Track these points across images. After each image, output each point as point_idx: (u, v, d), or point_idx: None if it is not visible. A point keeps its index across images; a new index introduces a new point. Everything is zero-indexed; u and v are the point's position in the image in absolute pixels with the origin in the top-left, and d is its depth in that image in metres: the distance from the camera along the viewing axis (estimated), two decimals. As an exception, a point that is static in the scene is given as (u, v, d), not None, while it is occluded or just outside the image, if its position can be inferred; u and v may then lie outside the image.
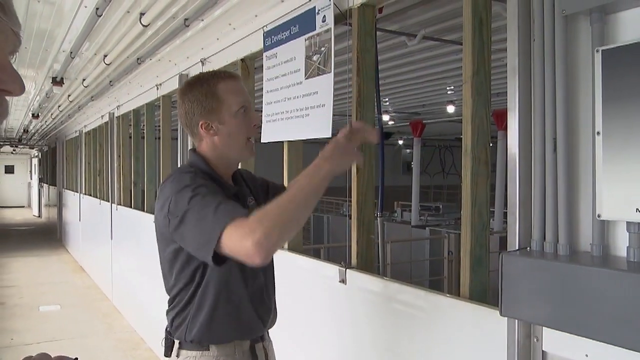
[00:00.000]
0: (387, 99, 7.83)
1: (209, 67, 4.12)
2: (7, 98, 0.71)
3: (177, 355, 1.73)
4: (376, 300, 2.28)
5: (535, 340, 1.62)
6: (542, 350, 1.60)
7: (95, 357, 5.17)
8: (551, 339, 1.57)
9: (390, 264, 5.58)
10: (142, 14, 3.31)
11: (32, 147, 19.81)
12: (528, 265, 1.48)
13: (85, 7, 3.23)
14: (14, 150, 21.18)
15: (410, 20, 3.57)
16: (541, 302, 1.46)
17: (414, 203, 7.12)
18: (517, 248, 1.61)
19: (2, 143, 17.93)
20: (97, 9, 3.14)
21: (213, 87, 1.69)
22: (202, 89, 1.70)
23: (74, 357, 0.76)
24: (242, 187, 1.86)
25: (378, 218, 2.61)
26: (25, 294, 8.00)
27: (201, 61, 4.22)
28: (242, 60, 3.64)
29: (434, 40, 3.83)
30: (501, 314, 1.54)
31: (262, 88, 3.12)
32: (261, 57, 3.19)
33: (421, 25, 3.57)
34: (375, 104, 2.58)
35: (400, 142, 14.64)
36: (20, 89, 0.70)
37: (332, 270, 2.48)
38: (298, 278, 2.76)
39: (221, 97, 1.69)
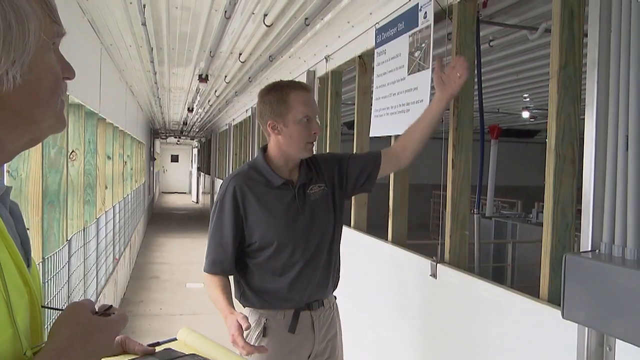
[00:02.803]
0: (526, 95, 7.48)
1: (332, 64, 4.29)
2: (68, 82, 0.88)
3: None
4: (462, 296, 2.27)
5: (607, 349, 1.55)
6: (615, 361, 1.53)
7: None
8: (625, 350, 1.49)
9: (516, 265, 5.37)
10: (265, 15, 3.55)
11: (192, 139, 21.63)
12: (591, 269, 1.42)
13: (216, 10, 3.53)
14: (178, 141, 23.26)
15: (533, 13, 3.42)
16: (605, 308, 1.40)
17: (551, 204, 6.70)
18: (588, 250, 1.54)
19: (167, 134, 19.77)
20: (225, 11, 3.42)
21: (285, 94, 1.99)
22: (276, 94, 2.00)
23: (109, 305, 0.92)
24: (303, 176, 2.08)
25: (475, 215, 2.58)
26: (176, 270, 8.84)
27: (325, 58, 4.40)
28: (359, 57, 3.75)
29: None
30: (563, 317, 1.49)
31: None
32: (377, 54, 3.28)
33: (544, 18, 3.41)
34: (477, 100, 2.54)
35: (549, 140, 13.77)
36: (73, 74, 0.87)
37: (424, 263, 2.51)
38: (395, 268, 2.83)
39: (290, 104, 1.98)
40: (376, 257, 3.21)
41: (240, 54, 4.81)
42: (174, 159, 28.74)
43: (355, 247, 3.40)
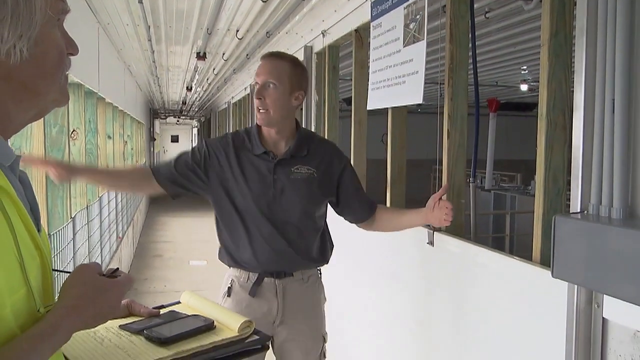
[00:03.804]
0: (525, 67, 7.48)
1: (329, 39, 4.30)
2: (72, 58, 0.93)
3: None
4: (458, 262, 2.34)
5: (596, 306, 1.60)
6: (603, 317, 1.59)
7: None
8: (612, 307, 1.55)
9: (515, 235, 5.44)
10: (261, -10, 3.56)
11: (192, 118, 21.63)
12: (579, 228, 1.48)
13: (212, -14, 3.54)
14: (178, 121, 23.26)
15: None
16: (593, 266, 1.45)
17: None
18: (577, 211, 1.60)
19: (167, 114, 19.76)
20: (221, -13, 3.44)
21: None
22: None
23: (115, 267, 0.97)
24: (290, 152, 2.12)
25: (470, 184, 2.63)
26: (179, 249, 8.94)
27: (322, 33, 4.41)
28: (355, 31, 3.77)
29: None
30: (553, 276, 1.55)
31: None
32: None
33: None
34: (473, 72, 2.58)
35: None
36: (77, 50, 0.91)
37: (422, 232, 2.57)
38: (392, 237, 2.88)
39: None
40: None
41: (238, 31, 4.83)
42: (174, 139, 28.70)
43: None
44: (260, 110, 2.06)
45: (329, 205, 2.27)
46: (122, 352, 0.99)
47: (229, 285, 2.13)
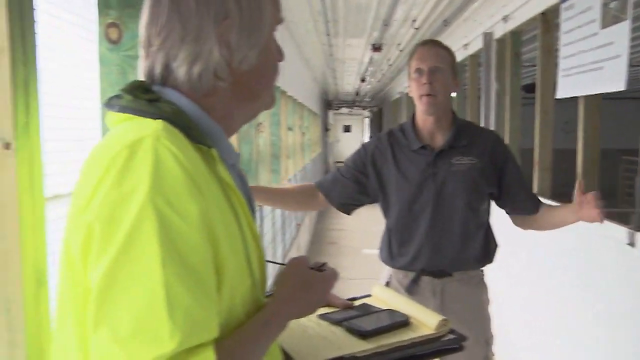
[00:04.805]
0: None
1: (511, 24, 4.09)
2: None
3: None
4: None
5: None
6: None
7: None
8: None
9: None
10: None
11: (364, 108, 22.03)
12: None
13: (391, -22, 3.55)
14: (350, 111, 23.84)
15: None
16: None
17: None
18: None
19: (340, 105, 20.35)
20: (401, -23, 3.43)
21: (411, 53, 2.09)
22: None
23: (322, 262, 1.02)
24: (448, 142, 2.03)
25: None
26: (353, 237, 9.15)
27: (503, 18, 4.20)
28: (542, 14, 3.53)
29: None
30: None
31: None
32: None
33: None
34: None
35: None
36: (284, 57, 0.98)
37: (619, 231, 2.35)
38: (580, 238, 2.68)
39: (410, 61, 2.07)
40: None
41: (414, 21, 4.79)
42: (347, 129, 29.36)
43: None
44: (430, 96, 1.99)
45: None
46: (326, 341, 1.04)
47: (388, 280, 2.09)
